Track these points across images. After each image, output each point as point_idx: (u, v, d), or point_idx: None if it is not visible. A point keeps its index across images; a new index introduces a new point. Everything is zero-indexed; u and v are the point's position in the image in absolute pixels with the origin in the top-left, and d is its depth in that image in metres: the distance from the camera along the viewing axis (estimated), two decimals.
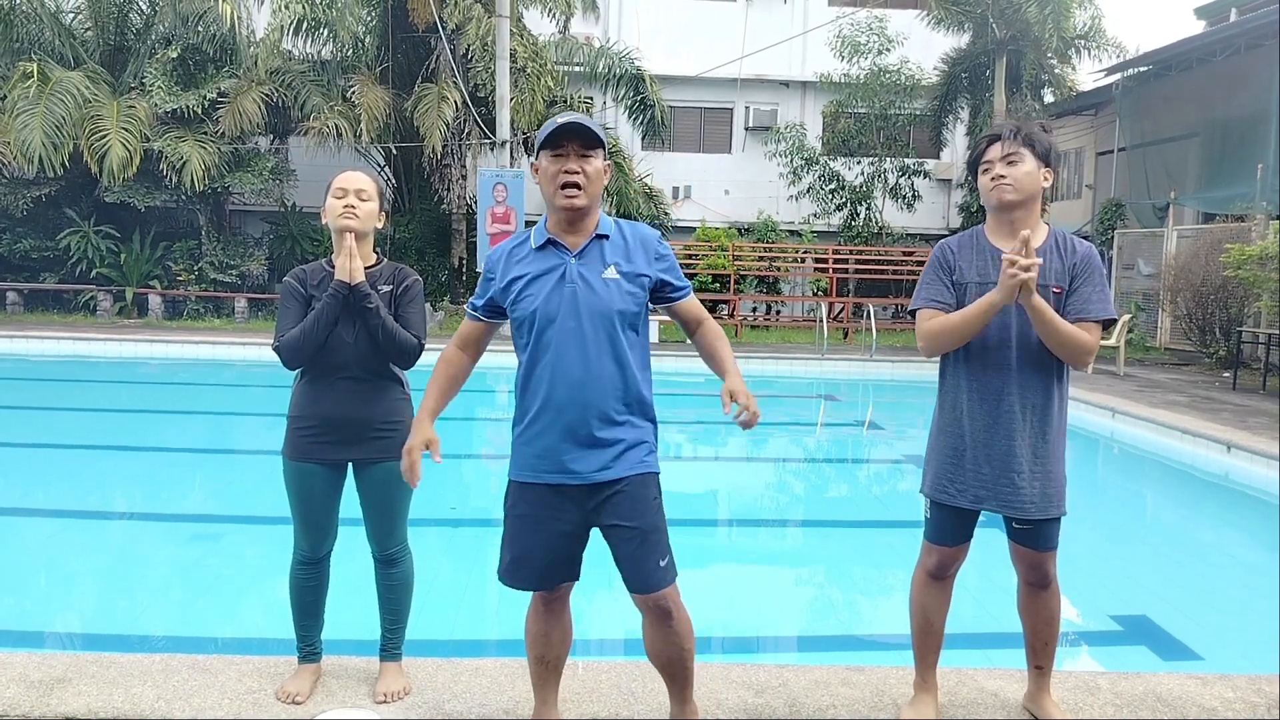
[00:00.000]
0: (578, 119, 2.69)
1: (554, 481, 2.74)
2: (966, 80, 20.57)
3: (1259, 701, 3.43)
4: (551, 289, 2.72)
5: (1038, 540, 3.06)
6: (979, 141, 3.10)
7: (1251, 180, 14.82)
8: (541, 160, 2.75)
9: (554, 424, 2.71)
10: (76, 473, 7.87)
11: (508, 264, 2.83)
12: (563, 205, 2.71)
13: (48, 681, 3.28)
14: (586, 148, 2.71)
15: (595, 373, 2.70)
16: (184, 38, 18.31)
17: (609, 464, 2.72)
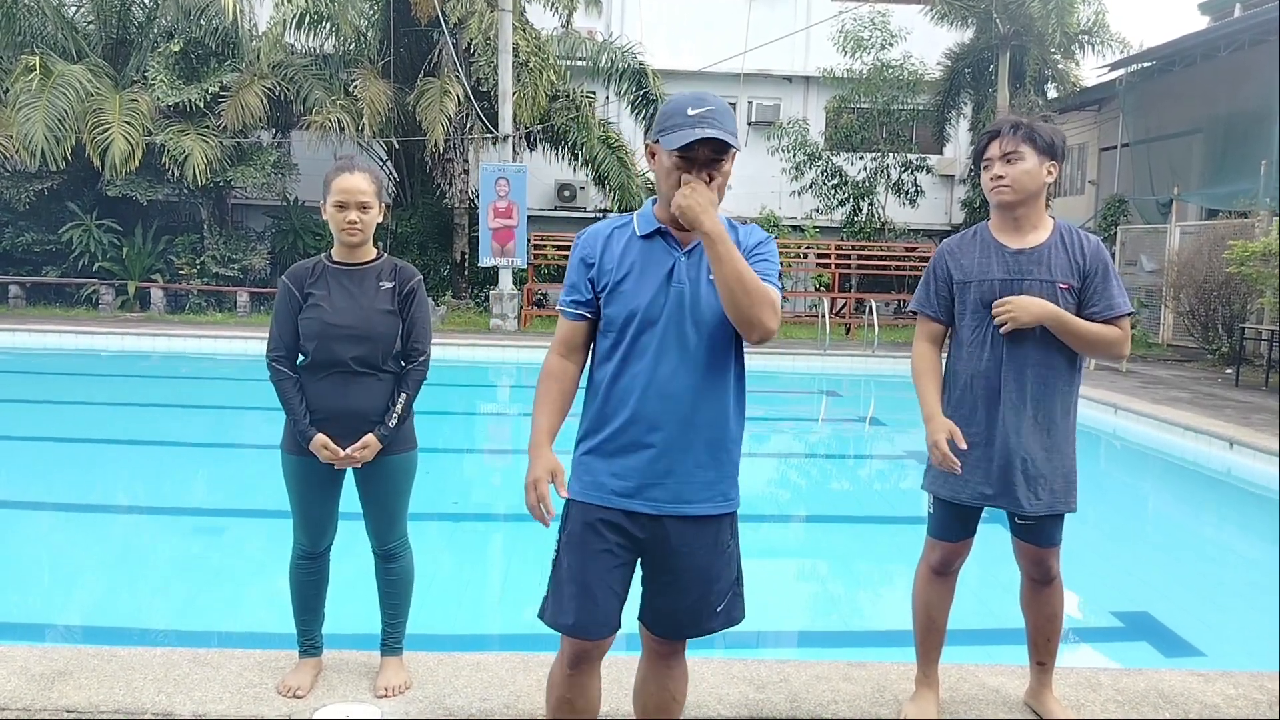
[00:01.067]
0: (717, 130, 2.28)
1: (629, 508, 2.38)
2: (970, 75, 20.52)
3: (1261, 698, 3.42)
4: (657, 288, 2.37)
5: (1040, 536, 3.05)
6: (981, 137, 3.09)
7: (1255, 176, 14.78)
8: (663, 156, 2.37)
9: (637, 442, 2.38)
10: (78, 466, 7.88)
11: (608, 249, 2.45)
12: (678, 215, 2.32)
13: (49, 675, 3.28)
14: (719, 153, 2.33)
15: (694, 388, 2.37)
16: (186, 31, 18.28)
17: (694, 499, 2.40)
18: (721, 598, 2.46)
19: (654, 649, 2.58)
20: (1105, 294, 2.96)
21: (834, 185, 21.45)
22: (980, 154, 3.06)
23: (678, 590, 2.44)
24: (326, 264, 3.26)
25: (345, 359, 3.17)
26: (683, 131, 2.30)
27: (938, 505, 3.13)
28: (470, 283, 19.85)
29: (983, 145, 3.05)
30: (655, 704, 2.60)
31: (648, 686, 2.61)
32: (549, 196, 22.33)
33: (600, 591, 2.39)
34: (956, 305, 3.08)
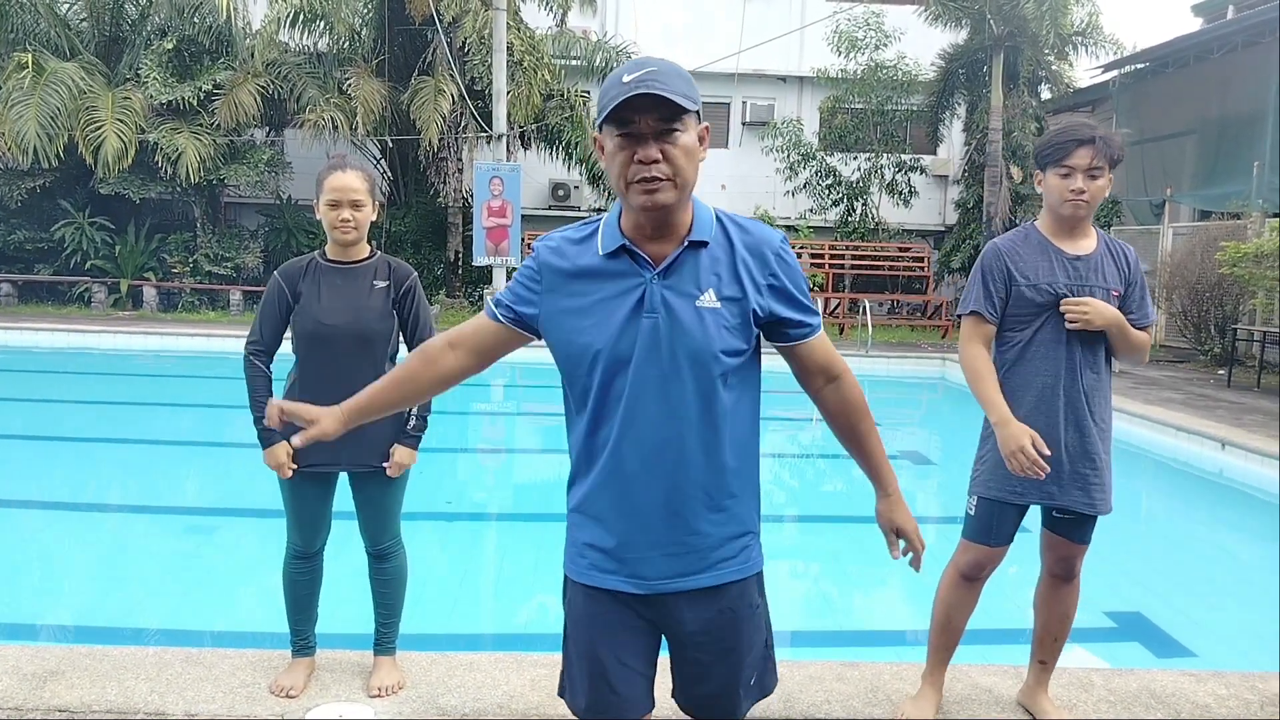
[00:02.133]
0: (649, 83, 1.79)
1: (620, 589, 1.98)
2: (964, 76, 20.54)
3: (1252, 698, 3.43)
4: (624, 321, 1.90)
5: (1077, 532, 3.10)
6: (1065, 138, 2.92)
7: (1247, 178, 14.83)
8: (605, 137, 1.89)
9: (622, 509, 1.96)
10: (70, 465, 7.86)
11: (558, 270, 1.97)
12: (640, 205, 1.86)
13: (40, 674, 3.27)
14: (669, 119, 1.83)
15: (685, 441, 1.95)
16: (180, 29, 18.23)
17: (698, 568, 2.00)
18: (754, 670, 2.12)
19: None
20: (1143, 303, 3.04)
21: (828, 185, 21.48)
22: (1060, 156, 2.92)
23: (701, 672, 2.07)
24: (320, 262, 3.25)
25: (339, 359, 3.16)
26: (615, 97, 1.81)
27: (983, 507, 3.09)
28: (464, 282, 19.83)
29: (1068, 149, 2.90)
30: None
31: None
32: (543, 196, 22.32)
33: (615, 671, 2.00)
34: (1012, 308, 3.04)
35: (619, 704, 2.00)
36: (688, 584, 1.99)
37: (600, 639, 2.01)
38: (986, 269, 3.05)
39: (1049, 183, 2.98)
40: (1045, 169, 2.99)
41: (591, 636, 2.02)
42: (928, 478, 8.40)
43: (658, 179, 1.83)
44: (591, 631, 2.02)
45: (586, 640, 2.03)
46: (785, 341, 2.12)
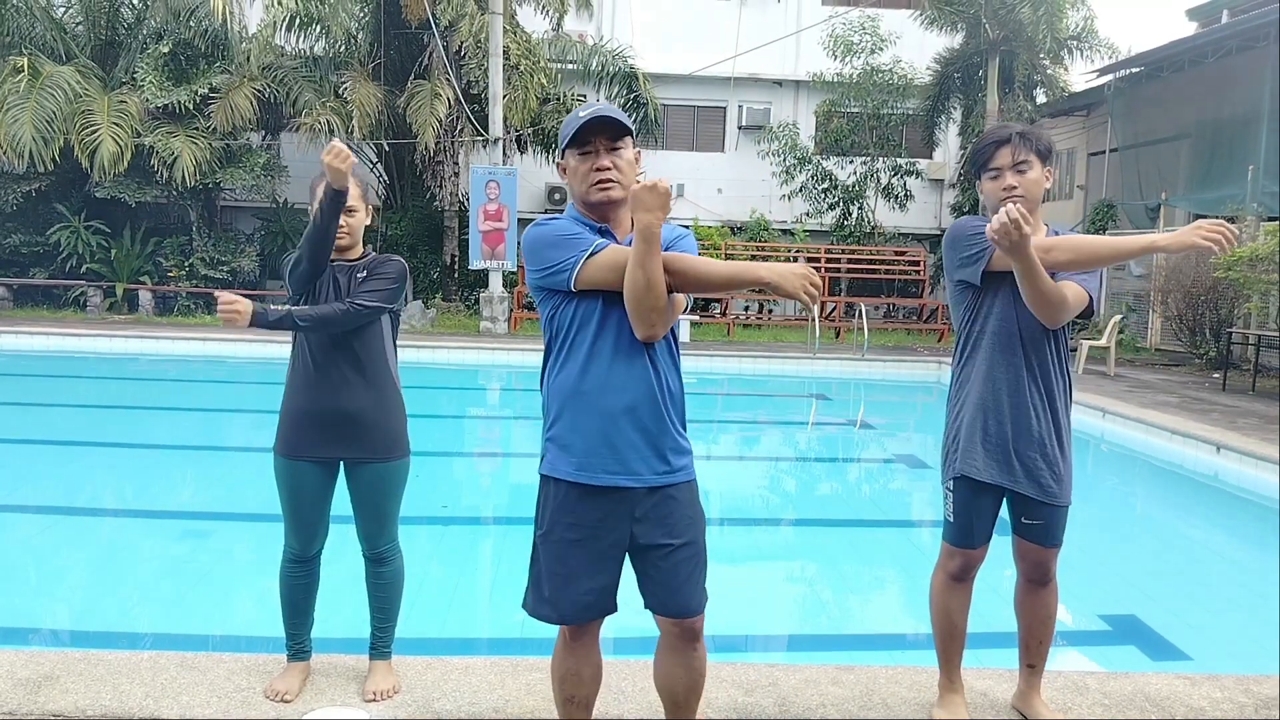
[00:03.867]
0: (602, 111, 2.48)
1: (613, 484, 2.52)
2: (959, 80, 20.59)
3: (1246, 701, 3.44)
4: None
5: (1045, 535, 3.10)
6: (985, 143, 3.06)
7: (1242, 182, 14.87)
8: (568, 159, 2.54)
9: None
10: (66, 469, 7.85)
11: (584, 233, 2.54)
12: (598, 200, 2.51)
13: (35, 679, 3.26)
14: (615, 139, 2.51)
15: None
16: (176, 33, 18.23)
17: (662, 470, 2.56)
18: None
19: (675, 631, 2.63)
20: (1084, 275, 2.99)
21: (824, 189, 21.52)
22: (985, 160, 3.04)
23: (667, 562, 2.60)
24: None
25: (338, 361, 3.17)
26: (573, 125, 2.49)
27: (959, 504, 3.12)
28: (460, 285, 19.83)
29: (988, 151, 3.03)
30: (687, 686, 2.70)
31: (675, 673, 2.69)
32: (539, 199, 22.33)
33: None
34: (960, 297, 3.14)
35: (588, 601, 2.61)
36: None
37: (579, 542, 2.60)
38: (979, 228, 3.04)
39: (984, 188, 3.07)
40: (980, 178, 3.09)
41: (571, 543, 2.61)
42: (923, 480, 8.40)
43: (610, 180, 2.50)
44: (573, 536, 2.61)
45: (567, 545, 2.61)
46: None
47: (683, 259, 2.47)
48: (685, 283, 2.46)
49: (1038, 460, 3.03)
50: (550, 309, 2.56)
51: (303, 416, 3.20)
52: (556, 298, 2.53)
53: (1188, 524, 7.66)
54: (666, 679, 2.71)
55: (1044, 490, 3.03)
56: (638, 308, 2.40)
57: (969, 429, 3.10)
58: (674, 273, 2.43)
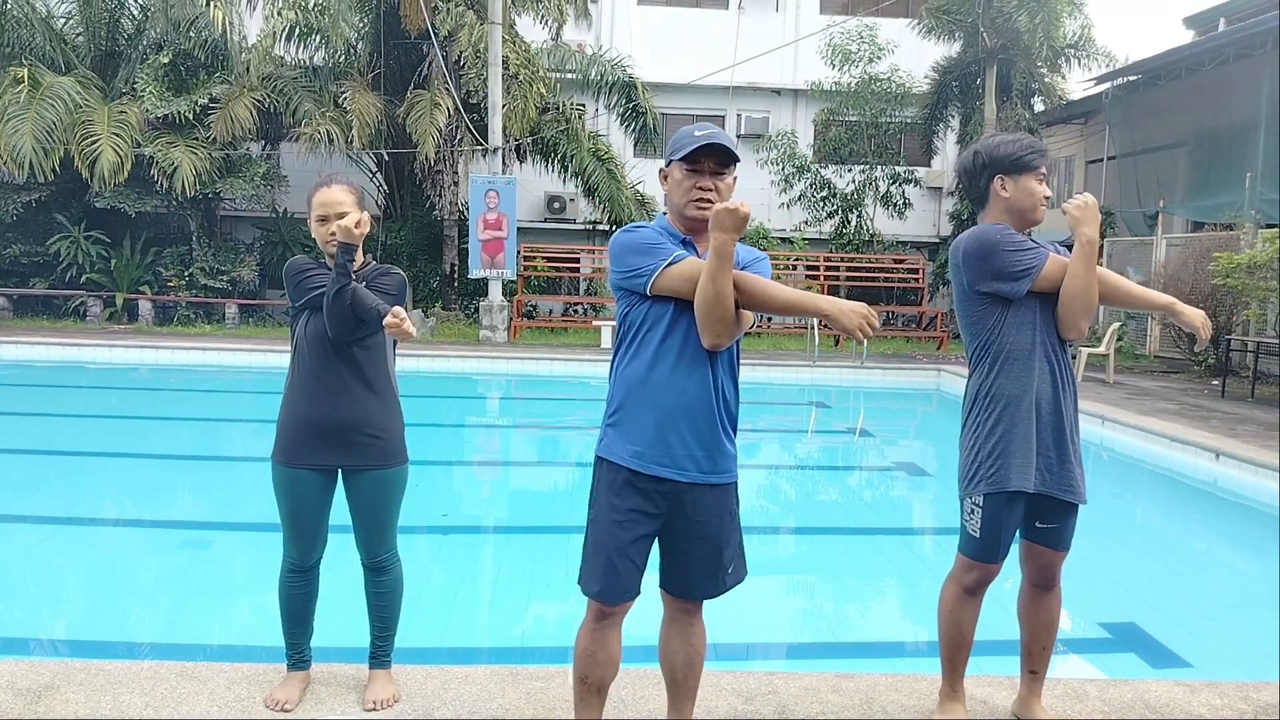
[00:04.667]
0: (717, 138, 2.67)
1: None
2: (957, 89, 20.65)
3: (1246, 708, 3.44)
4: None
5: (1058, 539, 3.14)
6: (1035, 148, 3.11)
7: (1240, 189, 14.90)
8: (674, 170, 2.73)
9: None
10: (66, 479, 7.85)
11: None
12: (695, 215, 2.70)
13: (35, 689, 3.27)
14: (722, 165, 2.70)
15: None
16: (176, 43, 18.27)
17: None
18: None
19: (681, 611, 2.87)
20: None
21: (822, 197, 21.54)
22: (1035, 164, 3.09)
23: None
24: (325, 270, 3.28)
25: (339, 368, 3.18)
26: (689, 144, 2.67)
27: (990, 510, 3.08)
28: (460, 294, 19.85)
29: (1039, 158, 3.11)
30: (689, 663, 2.89)
31: (680, 650, 2.89)
32: (539, 208, 22.36)
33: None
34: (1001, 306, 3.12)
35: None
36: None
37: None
38: (1014, 237, 3.12)
39: (1026, 186, 3.10)
40: (1018, 175, 3.09)
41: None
42: (924, 489, 8.41)
43: (710, 201, 2.67)
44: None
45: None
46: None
47: (752, 279, 2.66)
48: (751, 301, 2.65)
49: (1071, 462, 3.09)
50: (626, 306, 2.77)
51: (302, 424, 3.20)
52: (633, 298, 2.73)
53: (1187, 531, 7.66)
54: (668, 653, 2.91)
55: (1077, 493, 3.09)
56: (706, 318, 2.59)
57: (1014, 441, 3.04)
58: (742, 291, 2.62)
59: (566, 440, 10.94)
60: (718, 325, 2.59)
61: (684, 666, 2.89)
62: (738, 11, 23.13)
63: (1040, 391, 3.05)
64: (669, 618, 2.90)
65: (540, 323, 19.92)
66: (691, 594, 2.83)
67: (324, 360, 3.19)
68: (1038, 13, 17.96)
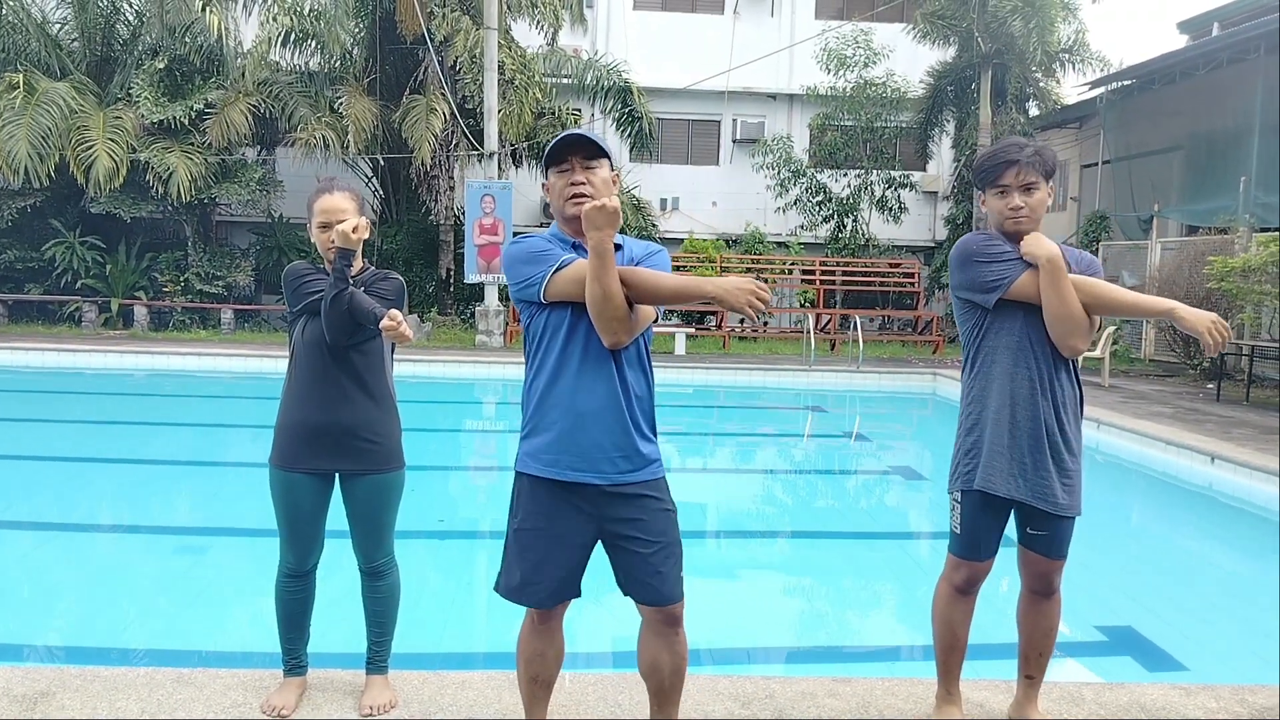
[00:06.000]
0: (576, 131, 2.71)
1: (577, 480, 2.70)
2: (952, 93, 20.70)
3: (1242, 711, 3.45)
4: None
5: (1051, 547, 3.11)
6: (995, 160, 3.08)
7: (1234, 193, 14.94)
8: (550, 177, 2.77)
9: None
10: (61, 485, 7.83)
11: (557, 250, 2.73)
12: (573, 213, 2.69)
13: (31, 696, 3.26)
14: (590, 158, 2.71)
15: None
16: (171, 49, 18.26)
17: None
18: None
19: (655, 619, 2.80)
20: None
21: (818, 202, 21.57)
22: (994, 178, 3.07)
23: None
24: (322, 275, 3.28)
25: (336, 373, 3.18)
26: (551, 145, 2.72)
27: (967, 507, 3.13)
28: (456, 299, 19.84)
29: (999, 170, 3.05)
30: (670, 670, 2.84)
31: (658, 658, 2.83)
32: (534, 213, 22.36)
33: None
34: (982, 312, 3.14)
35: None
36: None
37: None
38: (991, 247, 3.12)
39: (990, 203, 3.13)
40: (984, 190, 3.13)
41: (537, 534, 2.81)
42: (920, 492, 8.42)
43: (583, 195, 2.66)
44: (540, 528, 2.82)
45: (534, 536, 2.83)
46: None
47: (636, 273, 2.65)
48: (640, 295, 2.63)
49: (1051, 473, 3.04)
50: (527, 318, 2.78)
51: (299, 429, 3.20)
52: (531, 308, 2.74)
53: (1183, 535, 7.68)
54: (651, 662, 2.85)
55: (1056, 503, 3.04)
56: (599, 318, 2.59)
57: (984, 443, 3.10)
58: (630, 285, 2.61)
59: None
60: (612, 323, 2.58)
61: (672, 675, 2.86)
62: (733, 16, 23.17)
63: (1016, 396, 3.04)
64: (649, 629, 2.84)
65: None
66: (660, 598, 2.74)
67: (321, 365, 3.19)
68: (1032, 18, 18.00)
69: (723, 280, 2.55)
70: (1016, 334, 3.05)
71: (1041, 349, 3.04)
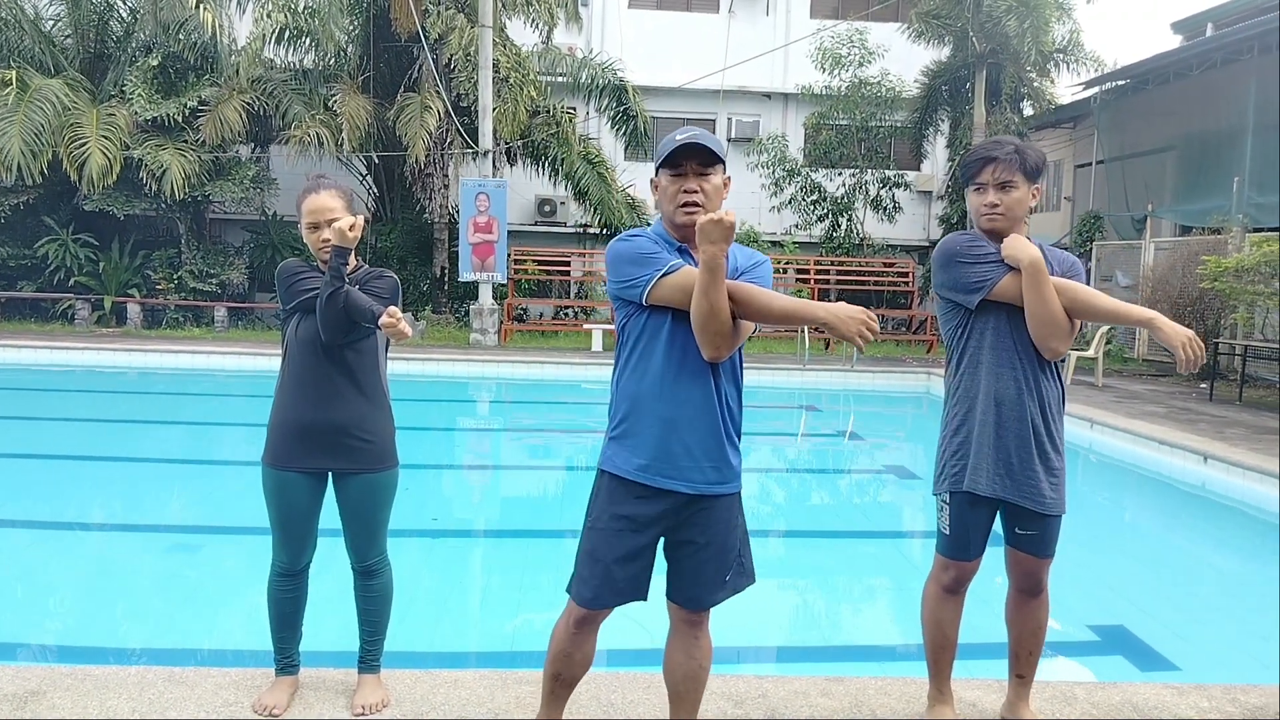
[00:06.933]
0: (696, 138, 2.62)
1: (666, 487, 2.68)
2: (947, 93, 20.71)
3: (1233, 710, 3.46)
4: None
5: (1039, 546, 3.12)
6: (974, 158, 3.11)
7: (1228, 193, 14.97)
8: (661, 178, 2.70)
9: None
10: (53, 483, 7.81)
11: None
12: (683, 222, 2.65)
13: (21, 695, 3.25)
14: (705, 165, 2.65)
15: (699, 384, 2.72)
16: (165, 46, 18.21)
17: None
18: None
19: (686, 622, 2.82)
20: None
21: (813, 201, 21.58)
22: (972, 174, 3.10)
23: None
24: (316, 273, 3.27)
25: (326, 369, 3.18)
26: (668, 146, 2.63)
27: (955, 516, 3.14)
28: (450, 298, 19.82)
29: (976, 167, 3.08)
30: (693, 675, 2.84)
31: (685, 662, 2.84)
32: (529, 212, 22.36)
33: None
34: (965, 311, 3.14)
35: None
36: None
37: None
38: (972, 248, 3.13)
39: (969, 200, 3.15)
40: (966, 187, 3.15)
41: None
42: (913, 491, 8.42)
43: (695, 205, 2.63)
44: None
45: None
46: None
47: (747, 289, 2.60)
48: (748, 313, 2.61)
49: (1038, 472, 3.04)
50: (624, 317, 2.73)
51: (292, 427, 3.19)
52: (630, 307, 2.70)
53: (1175, 534, 7.69)
54: (672, 665, 2.87)
55: (1042, 502, 3.05)
56: (702, 332, 2.56)
57: (970, 444, 3.11)
58: (738, 302, 2.57)
59: (557, 444, 10.93)
60: (715, 339, 2.56)
61: (686, 679, 2.85)
62: (728, 15, 23.17)
63: (1001, 396, 3.05)
64: (675, 629, 2.86)
65: (531, 326, 19.90)
66: (699, 604, 2.78)
67: (315, 363, 3.18)
68: (1026, 17, 18.01)
69: (834, 307, 2.52)
70: (1001, 334, 3.06)
71: (1025, 349, 3.04)
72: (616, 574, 2.69)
